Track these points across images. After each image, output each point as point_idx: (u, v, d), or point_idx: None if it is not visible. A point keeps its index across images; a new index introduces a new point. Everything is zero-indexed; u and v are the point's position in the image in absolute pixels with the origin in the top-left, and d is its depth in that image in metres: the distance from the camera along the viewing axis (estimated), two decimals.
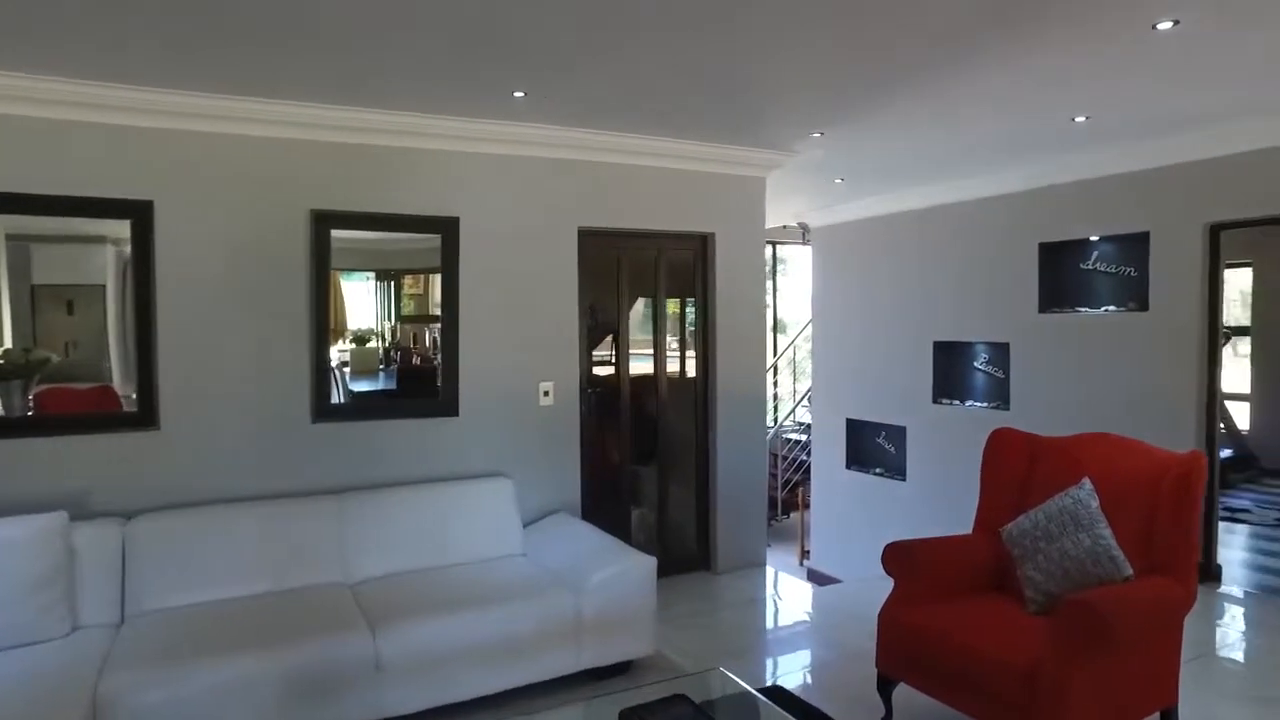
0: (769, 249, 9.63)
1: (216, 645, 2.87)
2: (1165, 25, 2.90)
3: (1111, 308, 5.19)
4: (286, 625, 3.04)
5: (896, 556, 3.12)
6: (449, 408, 4.20)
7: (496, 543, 3.90)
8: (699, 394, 5.12)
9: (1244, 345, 8.22)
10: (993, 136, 4.59)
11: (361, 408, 4.12)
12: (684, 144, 4.69)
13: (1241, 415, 8.08)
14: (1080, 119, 4.16)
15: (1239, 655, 3.90)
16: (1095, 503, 2.96)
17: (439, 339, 4.25)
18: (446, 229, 4.17)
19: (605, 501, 4.85)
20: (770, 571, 5.16)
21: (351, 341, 4.19)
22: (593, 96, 3.77)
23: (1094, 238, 5.30)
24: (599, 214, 4.61)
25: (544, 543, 3.97)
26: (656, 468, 5.05)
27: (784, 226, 8.57)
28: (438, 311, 4.24)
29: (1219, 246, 4.63)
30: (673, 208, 4.86)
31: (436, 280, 4.25)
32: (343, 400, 4.08)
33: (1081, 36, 3.06)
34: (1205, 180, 4.59)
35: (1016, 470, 3.36)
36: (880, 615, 3.08)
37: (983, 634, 2.78)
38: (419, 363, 4.37)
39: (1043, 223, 5.50)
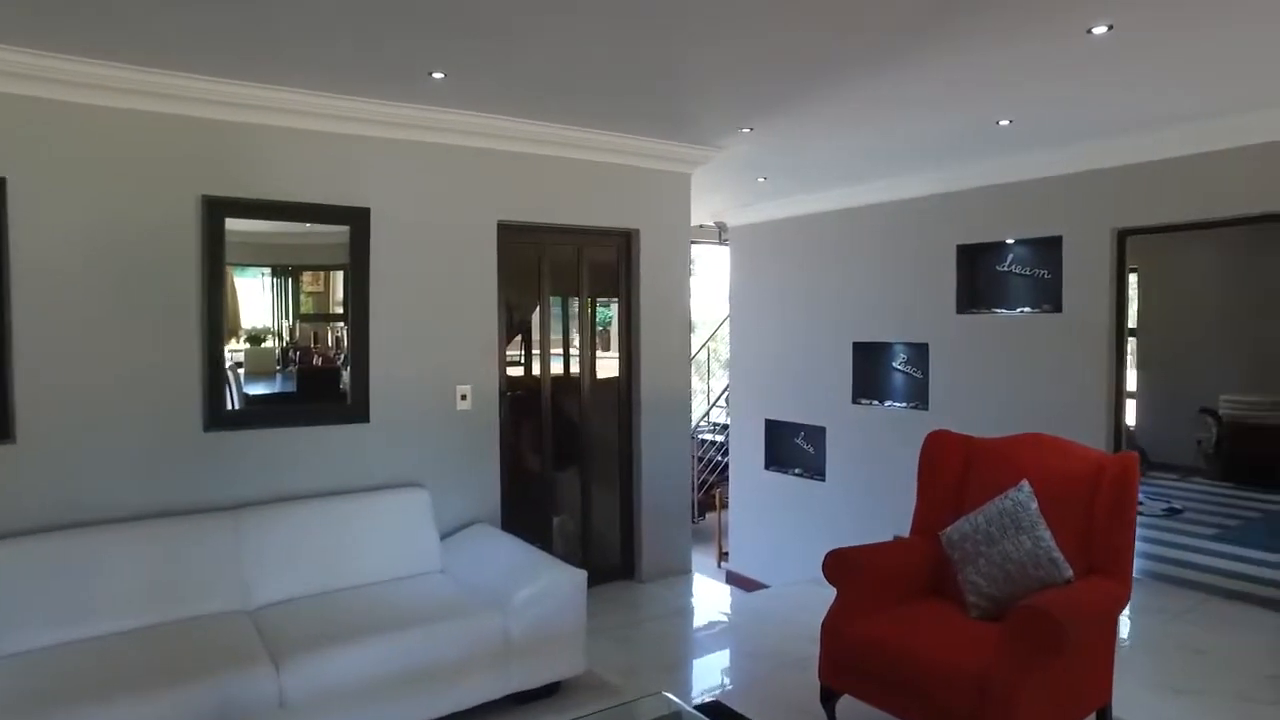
0: None
1: (92, 690, 2.50)
2: (1100, 29, 2.90)
3: (1027, 309, 5.31)
4: (176, 662, 2.69)
5: (838, 565, 3.03)
6: (358, 413, 3.87)
7: (412, 559, 3.61)
8: (622, 396, 4.95)
9: (1130, 346, 8.67)
10: (919, 137, 4.60)
11: (260, 414, 3.75)
12: (610, 136, 4.51)
13: (1129, 412, 8.52)
14: (1004, 122, 4.20)
15: (1145, 644, 4.01)
16: (1034, 505, 2.94)
17: (344, 339, 3.92)
18: (356, 220, 3.85)
19: (525, 509, 4.61)
20: (697, 579, 5.04)
21: (245, 341, 3.82)
22: (516, 81, 3.54)
23: (1010, 240, 5.41)
24: (520, 207, 4.38)
25: (464, 557, 3.70)
26: (578, 473, 4.84)
27: (700, 226, 8.50)
28: (340, 310, 3.91)
29: (1125, 251, 4.79)
30: (597, 203, 4.66)
31: (338, 277, 3.92)
32: (238, 406, 3.70)
33: (1017, 38, 3.04)
34: (1113, 187, 4.73)
35: (953, 473, 3.32)
36: (824, 626, 2.98)
37: (930, 642, 2.71)
38: (320, 363, 4.04)
39: (961, 225, 5.58)
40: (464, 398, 4.17)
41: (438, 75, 3.38)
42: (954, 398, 5.68)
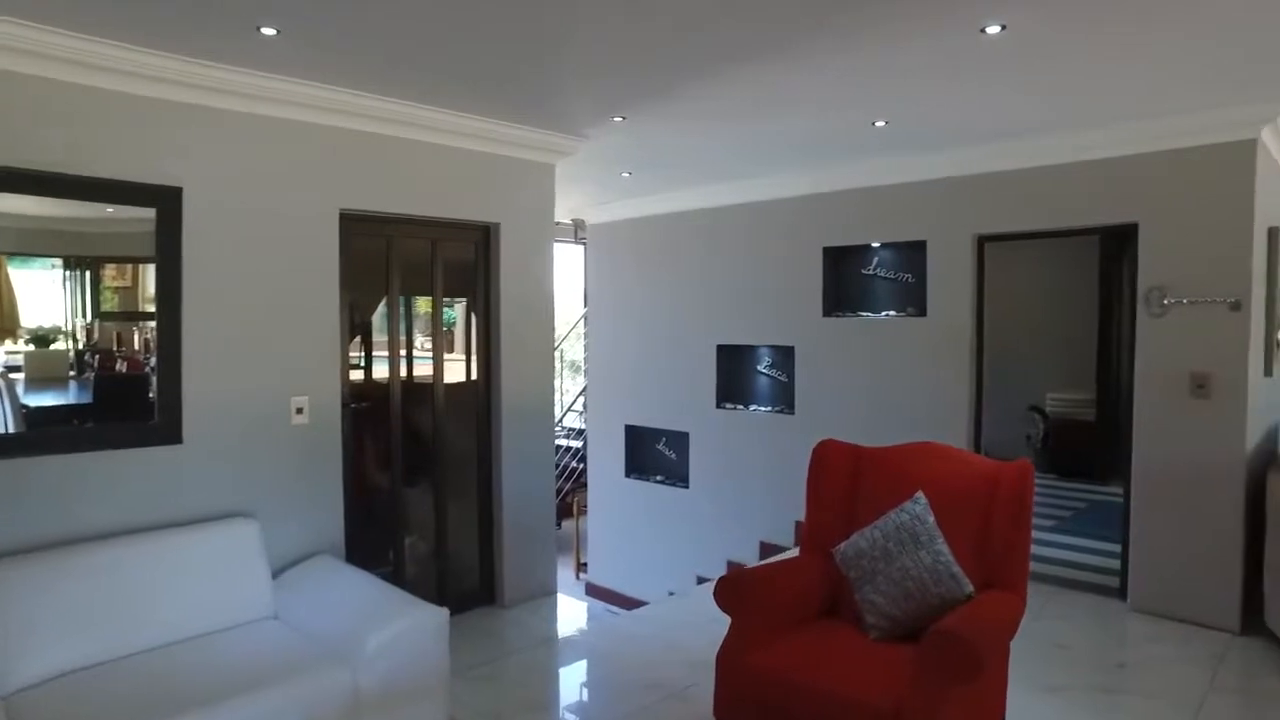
0: None
1: None
2: (994, 29, 2.83)
3: (892, 312, 5.36)
4: None
5: (732, 592, 2.78)
6: (168, 433, 3.23)
7: (238, 605, 3.04)
8: (480, 403, 4.52)
9: None
10: (795, 135, 4.49)
11: (38, 439, 3.04)
12: (469, 120, 4.08)
13: None
14: (880, 124, 4.16)
15: (1015, 642, 4.07)
16: (931, 518, 2.83)
17: (152, 341, 3.28)
18: (164, 201, 3.22)
19: (372, 531, 4.10)
20: (561, 600, 4.69)
21: (28, 342, 3.10)
22: (362, 48, 3.06)
23: (876, 244, 5.44)
24: (367, 195, 3.87)
25: (302, 598, 3.17)
26: (431, 488, 4.37)
27: (555, 223, 8.14)
28: (152, 308, 3.27)
29: (984, 257, 4.91)
30: (454, 193, 4.22)
31: (150, 271, 3.27)
32: (11, 424, 2.99)
33: (910, 34, 2.93)
34: (975, 194, 4.83)
35: (843, 484, 3.17)
36: (719, 658, 2.72)
37: (836, 673, 2.52)
38: (126, 369, 3.37)
39: (828, 227, 5.57)
40: (300, 410, 3.62)
41: (268, 31, 2.85)
42: (820, 401, 5.66)
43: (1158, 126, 4.05)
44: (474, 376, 4.53)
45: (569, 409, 10.14)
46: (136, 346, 3.40)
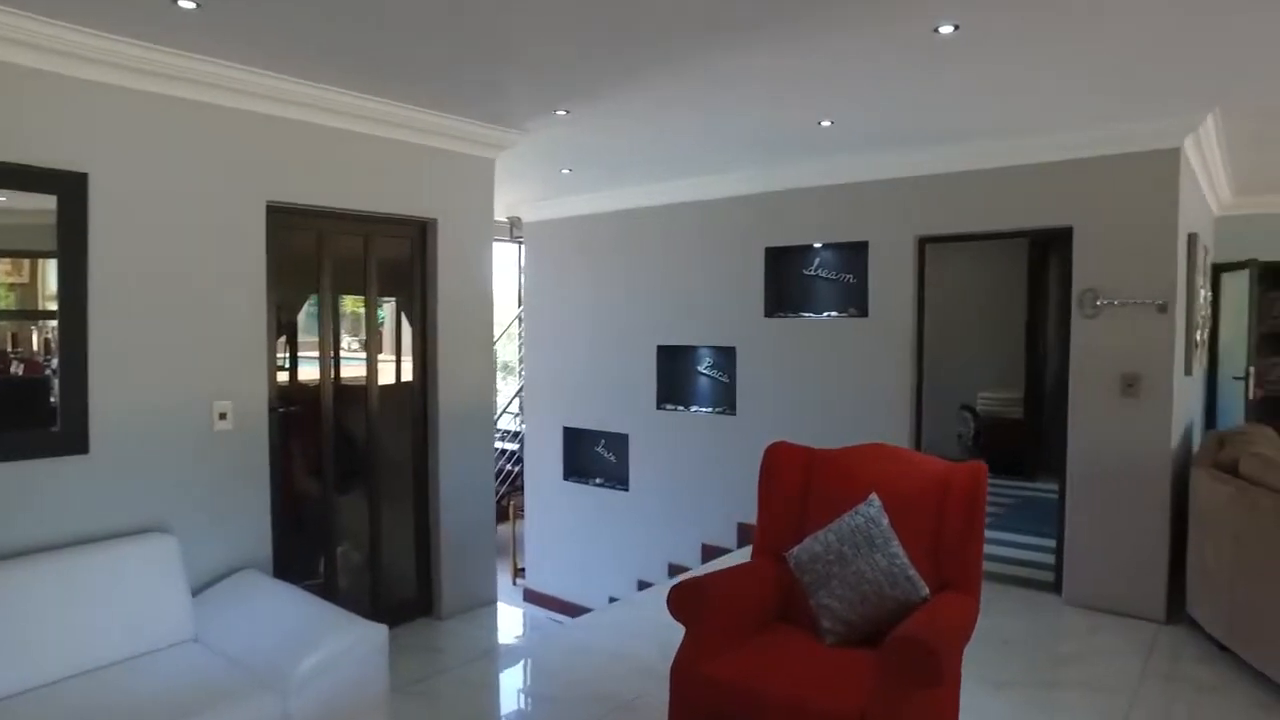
0: None
1: None
2: (946, 29, 2.82)
3: (834, 313, 5.38)
4: None
5: (687, 600, 2.69)
6: (72, 442, 2.96)
7: (154, 629, 2.80)
8: (416, 406, 4.34)
9: None
10: (741, 132, 4.44)
11: None
12: (405, 109, 3.89)
13: None
14: (826, 123, 4.14)
15: None
16: (886, 520, 2.80)
17: (53, 342, 3.00)
18: (67, 188, 2.95)
19: (302, 542, 3.88)
20: (504, 610, 4.54)
21: None
22: (289, 27, 2.86)
23: (818, 245, 5.45)
24: (296, 188, 3.65)
25: (226, 619, 2.95)
26: (365, 495, 4.16)
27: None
28: (54, 305, 2.99)
29: (925, 258, 4.96)
30: (389, 186, 4.03)
31: (51, 266, 3.00)
32: None
33: (862, 32, 2.90)
34: (915, 196, 4.88)
35: (795, 487, 3.12)
36: (674, 669, 2.63)
37: (794, 680, 2.46)
38: (22, 372, 3.08)
39: (770, 227, 5.55)
40: (223, 416, 3.38)
41: (186, 4, 2.63)
42: (762, 402, 5.65)
43: (1091, 134, 4.15)
44: (409, 378, 4.34)
45: (503, 411, 9.93)
46: (35, 348, 3.11)
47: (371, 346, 4.15)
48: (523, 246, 7.49)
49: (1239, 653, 3.59)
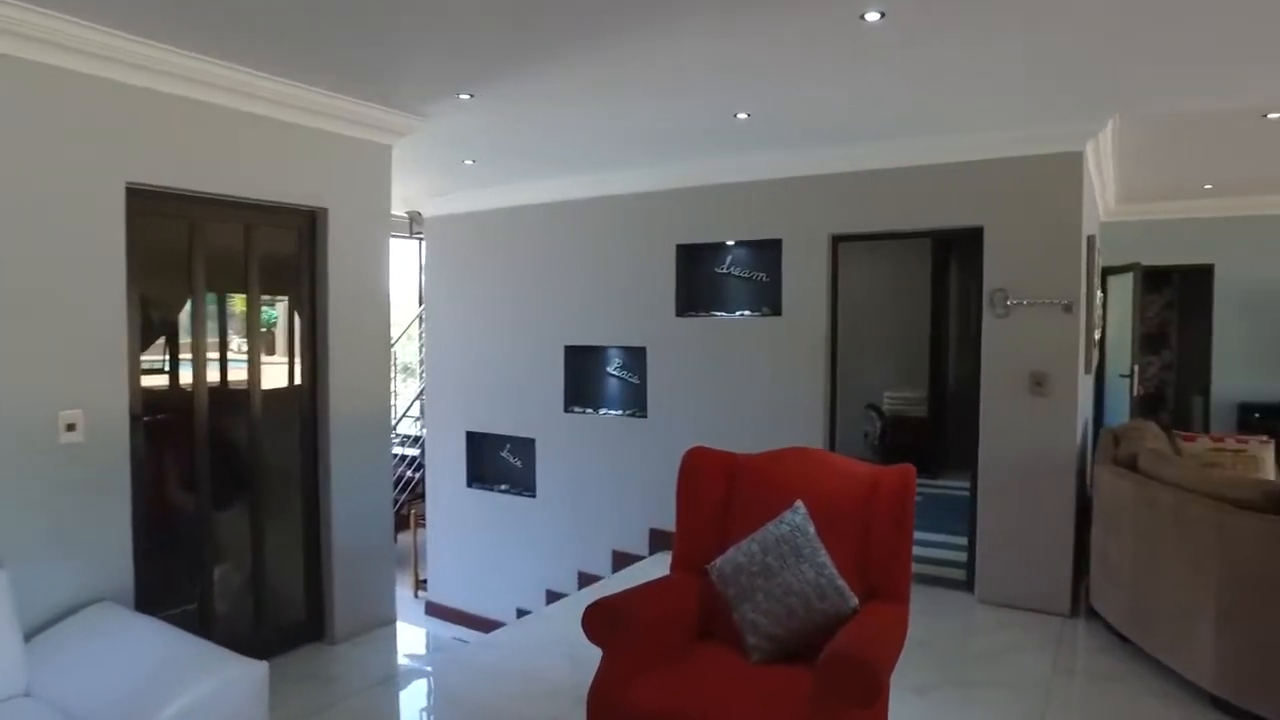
0: None
1: None
2: (873, 16, 2.72)
3: (747, 312, 5.28)
4: None
5: (603, 621, 2.50)
6: None
7: None
8: (306, 412, 3.98)
9: None
10: (653, 124, 4.27)
11: None
12: (293, 87, 3.54)
13: None
14: (742, 116, 4.02)
15: None
16: (812, 528, 2.67)
17: None
18: None
19: (173, 566, 3.48)
20: (404, 630, 4.22)
21: None
22: None
23: (730, 242, 5.35)
24: (162, 168, 3.25)
25: (69, 664, 2.55)
26: (247, 511, 3.78)
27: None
28: None
29: (839, 257, 4.92)
30: (273, 171, 3.66)
31: None
32: None
33: (786, 16, 2.77)
34: (830, 194, 4.83)
35: (716, 495, 2.97)
36: (591, 696, 2.43)
37: (722, 702, 2.30)
38: None
39: (681, 224, 5.41)
40: (72, 427, 2.95)
41: None
42: (673, 404, 5.50)
43: (1002, 134, 4.19)
44: (298, 382, 3.97)
45: (403, 415, 9.48)
46: None
47: (255, 348, 3.77)
48: (423, 242, 7.12)
49: (1138, 643, 3.67)
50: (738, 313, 5.32)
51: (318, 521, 4.00)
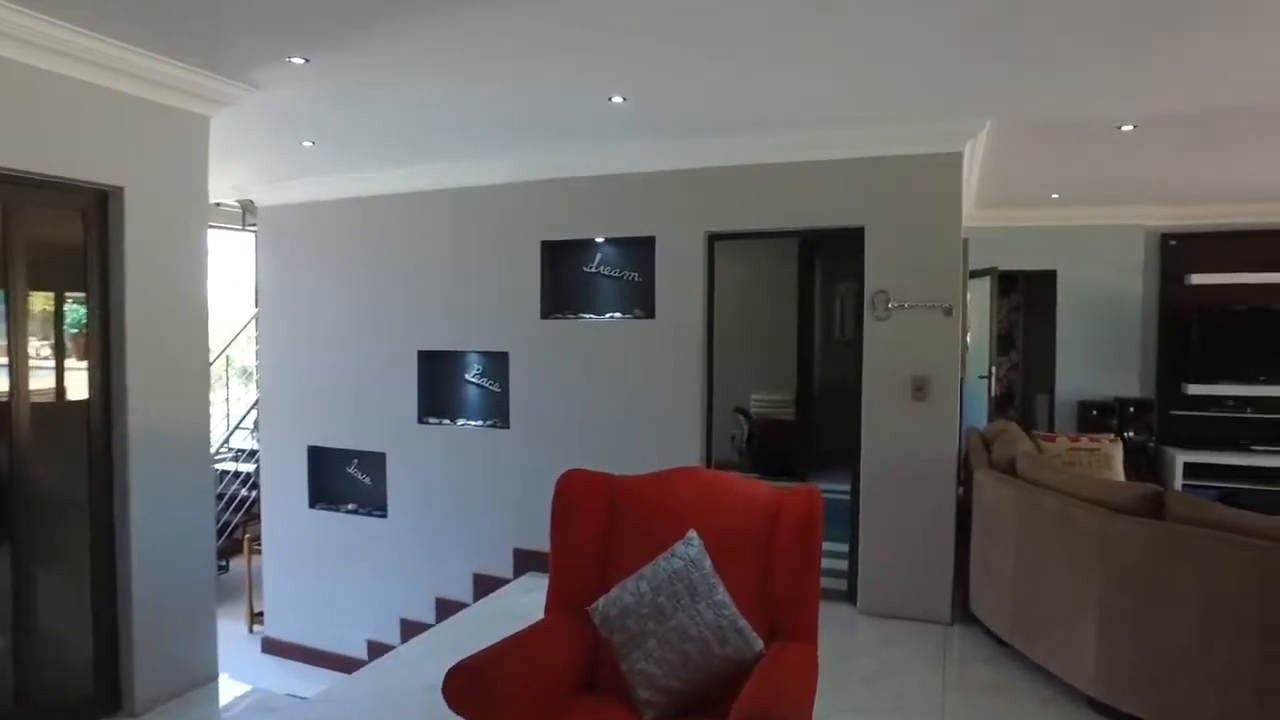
0: None
1: None
2: None
3: (618, 314, 4.95)
4: None
5: (468, 689, 2.08)
6: None
7: None
8: (97, 430, 3.28)
9: None
10: (516, 106, 3.85)
11: None
12: (75, 33, 2.87)
13: None
14: (618, 99, 3.67)
15: None
16: (708, 562, 2.36)
17: None
18: None
19: None
20: (227, 687, 3.59)
21: None
22: None
23: (600, 239, 4.99)
24: None
25: None
26: (8, 555, 3.05)
27: (216, 204, 6.68)
28: None
29: (715, 255, 4.68)
30: (45, 137, 2.97)
31: None
32: None
33: None
34: (706, 189, 4.57)
35: (596, 525, 2.60)
36: None
37: None
38: None
39: (547, 219, 5.01)
40: None
41: None
42: (539, 413, 5.09)
43: (884, 130, 4.06)
44: (86, 394, 3.26)
45: (237, 425, 8.52)
46: None
47: (18, 352, 3.04)
48: (257, 235, 6.33)
49: (1021, 649, 3.63)
50: (608, 315, 4.98)
51: (111, 563, 3.31)
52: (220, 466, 7.99)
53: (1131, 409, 6.54)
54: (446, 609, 5.19)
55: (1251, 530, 2.88)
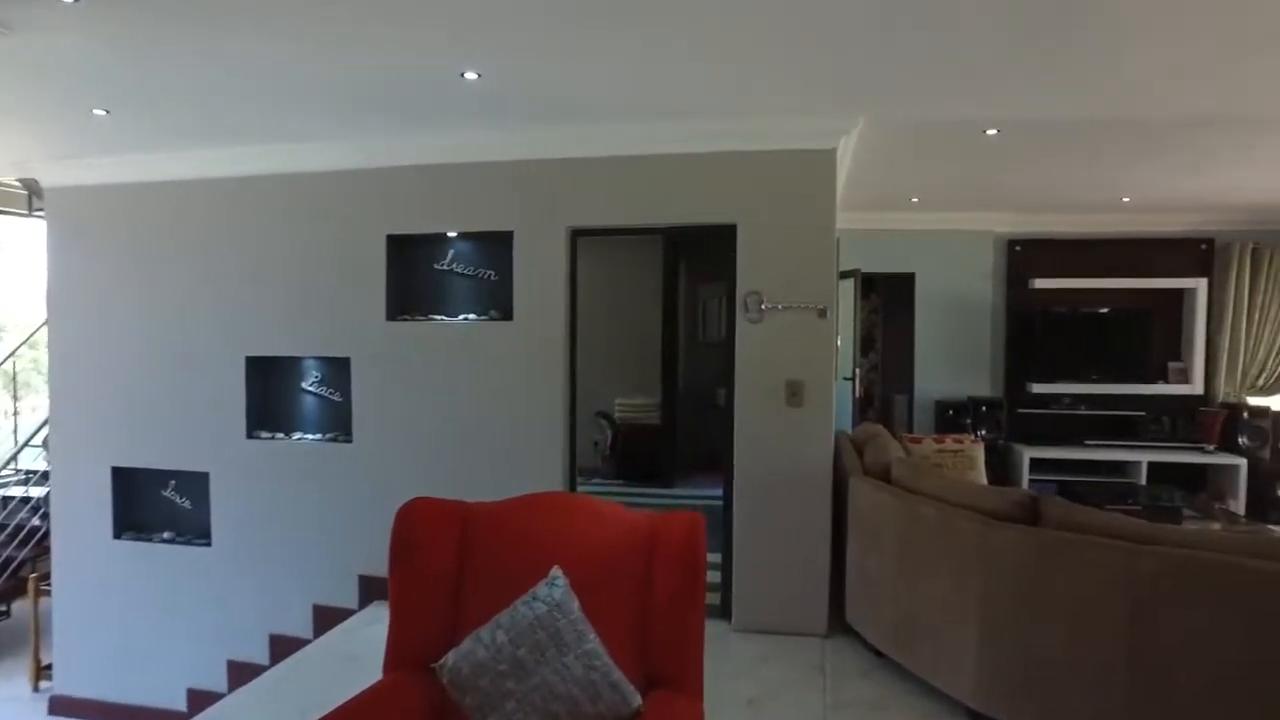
0: None
1: None
2: None
3: (472, 316, 4.52)
4: None
5: None
6: None
7: None
8: None
9: None
10: (355, 76, 3.36)
11: None
12: None
13: None
14: (472, 75, 3.26)
15: None
16: (576, 605, 2.02)
17: None
18: None
19: None
20: None
21: None
22: None
23: (453, 234, 4.54)
24: None
25: None
26: None
27: None
28: None
29: (577, 253, 4.35)
30: None
31: None
32: None
33: None
34: (568, 181, 4.23)
35: (444, 564, 2.22)
36: None
37: None
38: None
39: (393, 210, 4.50)
40: None
41: None
42: (385, 424, 4.59)
43: (756, 125, 3.87)
44: None
45: (26, 443, 7.38)
46: None
47: None
48: (47, 221, 5.42)
49: (900, 661, 3.52)
50: (462, 316, 4.54)
51: None
52: (7, 493, 6.87)
53: (983, 408, 6.75)
54: (283, 648, 4.59)
55: (1121, 533, 2.86)
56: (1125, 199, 6.01)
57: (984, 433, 6.58)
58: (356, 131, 4.22)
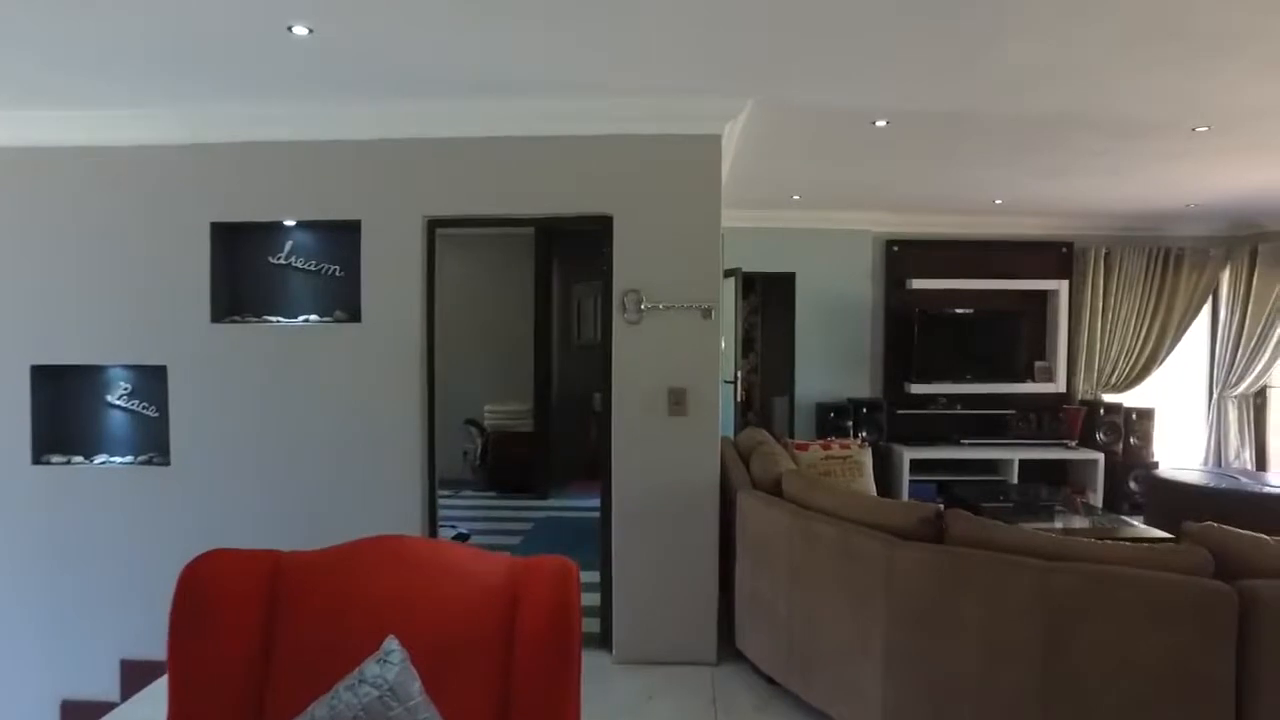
0: None
1: None
2: None
3: (314, 316, 3.93)
4: None
5: None
6: None
7: None
8: None
9: None
10: (161, 25, 2.73)
11: None
12: None
13: None
14: (301, 30, 2.71)
15: None
16: (417, 684, 1.58)
17: None
18: None
19: None
20: None
21: None
22: None
23: (290, 222, 3.93)
24: None
25: None
26: None
27: None
28: None
29: (435, 246, 3.85)
30: None
31: None
32: None
33: None
34: (425, 164, 3.73)
35: (244, 635, 1.71)
36: None
37: None
38: None
39: (219, 194, 3.84)
40: None
41: None
42: (209, 443, 3.92)
43: (635, 105, 3.49)
44: None
45: None
46: None
47: None
48: None
49: (797, 691, 3.24)
50: (301, 317, 3.94)
51: None
52: None
53: (864, 409, 6.68)
54: (81, 716, 3.85)
55: (1030, 550, 2.68)
56: (998, 200, 6.06)
57: (865, 435, 6.50)
58: (169, 98, 3.55)
